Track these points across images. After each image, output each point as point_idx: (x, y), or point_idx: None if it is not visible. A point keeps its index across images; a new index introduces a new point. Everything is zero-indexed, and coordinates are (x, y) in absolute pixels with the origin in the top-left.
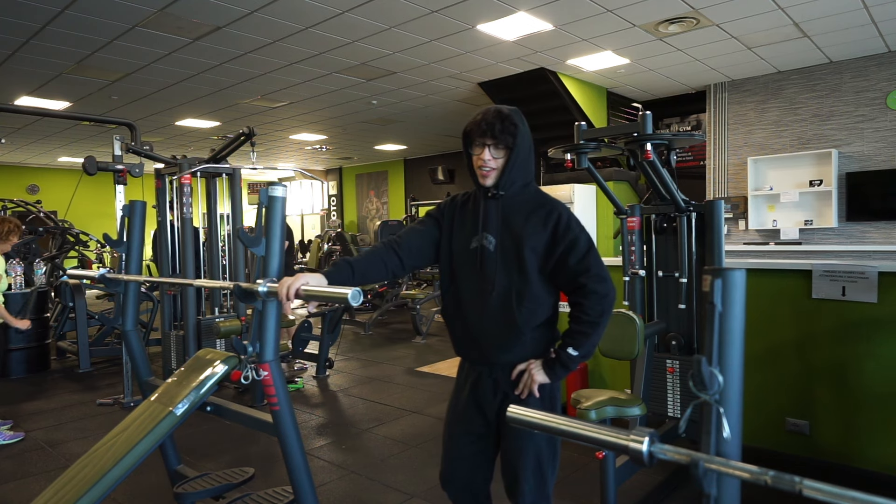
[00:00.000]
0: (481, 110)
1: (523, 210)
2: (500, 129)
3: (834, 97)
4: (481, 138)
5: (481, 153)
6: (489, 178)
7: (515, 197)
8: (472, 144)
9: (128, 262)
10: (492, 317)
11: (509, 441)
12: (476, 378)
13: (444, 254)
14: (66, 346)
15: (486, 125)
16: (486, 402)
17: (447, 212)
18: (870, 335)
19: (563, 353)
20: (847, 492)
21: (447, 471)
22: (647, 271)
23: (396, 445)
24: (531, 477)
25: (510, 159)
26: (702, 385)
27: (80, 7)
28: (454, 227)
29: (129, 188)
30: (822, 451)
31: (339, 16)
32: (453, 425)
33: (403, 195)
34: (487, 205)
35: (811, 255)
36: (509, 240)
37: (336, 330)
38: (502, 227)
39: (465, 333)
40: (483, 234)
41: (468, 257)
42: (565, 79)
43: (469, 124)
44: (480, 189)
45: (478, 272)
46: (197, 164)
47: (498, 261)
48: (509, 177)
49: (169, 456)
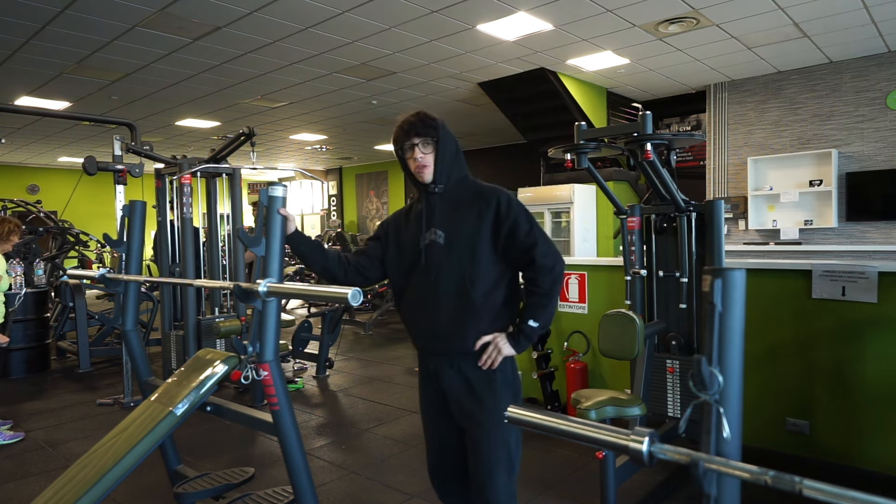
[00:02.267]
0: (401, 118)
1: (465, 200)
2: (421, 125)
3: (834, 97)
4: (408, 139)
5: (412, 154)
6: (426, 174)
7: (455, 190)
8: (403, 151)
9: (128, 262)
10: (449, 306)
11: (478, 433)
12: (438, 368)
13: (392, 262)
14: (66, 346)
15: (408, 126)
16: (450, 392)
17: (391, 226)
18: (870, 335)
19: (525, 326)
20: (847, 492)
21: (431, 461)
22: (647, 271)
23: (396, 445)
24: (502, 474)
25: (439, 151)
26: (702, 385)
27: (80, 7)
28: (401, 235)
29: (129, 188)
30: (822, 451)
31: (339, 16)
32: (427, 418)
33: (403, 195)
34: (430, 202)
35: (811, 255)
36: (457, 229)
37: (336, 330)
38: (448, 220)
39: (425, 327)
40: (431, 230)
41: (418, 256)
42: (565, 79)
43: (394, 136)
44: (421, 188)
45: (430, 267)
46: (197, 164)
47: (448, 251)
48: (443, 169)
49: (169, 456)
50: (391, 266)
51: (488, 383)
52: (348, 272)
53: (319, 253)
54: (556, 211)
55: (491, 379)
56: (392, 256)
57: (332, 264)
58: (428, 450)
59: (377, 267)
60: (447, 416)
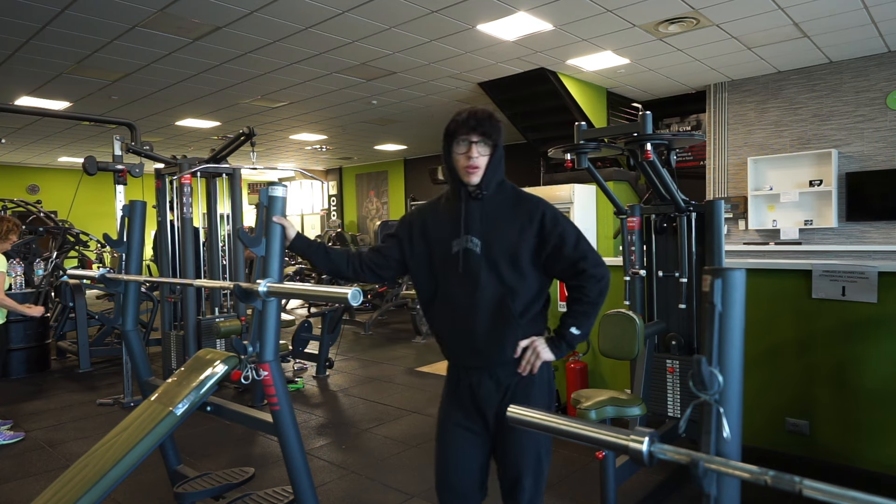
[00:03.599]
0: (464, 110)
1: (505, 207)
2: (488, 124)
3: (834, 97)
4: (467, 135)
5: (468, 150)
6: (475, 176)
7: (495, 196)
8: (455, 143)
9: (128, 262)
10: (487, 317)
11: (511, 439)
12: (475, 381)
13: (420, 263)
14: (66, 346)
15: (475, 122)
16: (487, 404)
17: (416, 225)
18: (870, 335)
19: (568, 332)
20: (847, 492)
21: (449, 479)
22: (647, 271)
23: (396, 445)
24: (531, 475)
25: (493, 157)
26: (702, 385)
27: (80, 7)
28: (430, 234)
29: (129, 188)
30: (821, 451)
31: (339, 16)
32: (452, 432)
33: (403, 195)
34: (469, 206)
35: (811, 255)
36: (496, 240)
37: (336, 330)
38: (487, 228)
39: (462, 339)
40: (466, 236)
41: (451, 263)
42: (565, 79)
43: (453, 123)
44: (461, 188)
45: (465, 275)
46: (197, 164)
47: (487, 262)
48: (490, 176)
49: (169, 456)
50: (418, 267)
51: (524, 389)
52: (359, 271)
53: (324, 255)
54: None
55: (527, 385)
56: (419, 257)
57: (340, 264)
58: (441, 467)
59: (393, 267)
60: (475, 432)
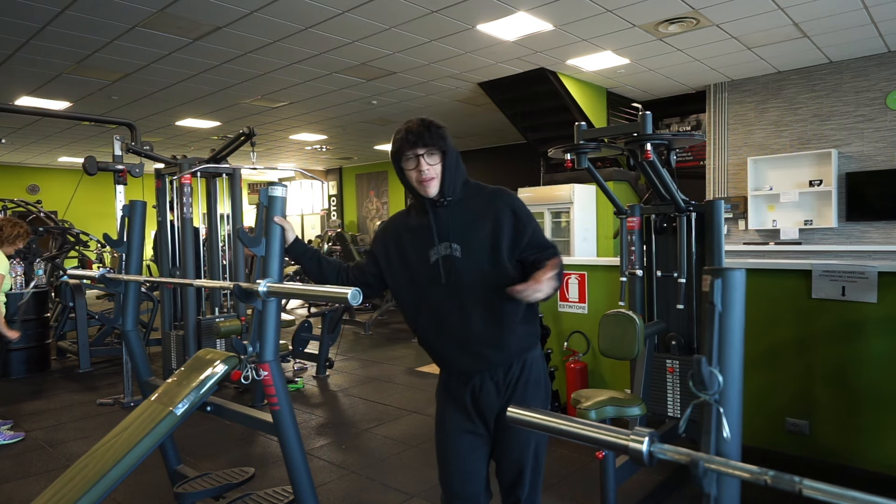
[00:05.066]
0: (401, 128)
1: (475, 207)
2: (428, 135)
3: (834, 97)
4: (413, 149)
5: (417, 165)
6: (432, 187)
7: (463, 199)
8: (403, 161)
9: (128, 262)
10: (479, 320)
11: (511, 436)
12: (477, 385)
13: (400, 283)
14: (67, 346)
15: (414, 137)
16: (488, 406)
17: (390, 244)
18: (870, 335)
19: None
20: (847, 492)
21: (456, 486)
22: (647, 271)
23: (396, 445)
24: (531, 468)
25: (446, 163)
26: (702, 385)
27: (80, 7)
28: (405, 252)
29: (129, 188)
30: (821, 451)
31: (339, 16)
32: (456, 438)
33: (403, 195)
34: (437, 216)
35: (811, 255)
36: (473, 241)
37: (336, 330)
38: (463, 231)
39: (454, 347)
40: (442, 244)
41: (432, 273)
42: (565, 79)
43: (395, 143)
44: (424, 201)
45: (449, 283)
46: (197, 164)
47: (468, 264)
48: (451, 181)
49: (169, 456)
50: (399, 287)
51: (521, 385)
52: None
53: (316, 264)
54: (556, 211)
55: (525, 383)
56: (398, 277)
57: (330, 277)
58: (448, 478)
59: (374, 284)
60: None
